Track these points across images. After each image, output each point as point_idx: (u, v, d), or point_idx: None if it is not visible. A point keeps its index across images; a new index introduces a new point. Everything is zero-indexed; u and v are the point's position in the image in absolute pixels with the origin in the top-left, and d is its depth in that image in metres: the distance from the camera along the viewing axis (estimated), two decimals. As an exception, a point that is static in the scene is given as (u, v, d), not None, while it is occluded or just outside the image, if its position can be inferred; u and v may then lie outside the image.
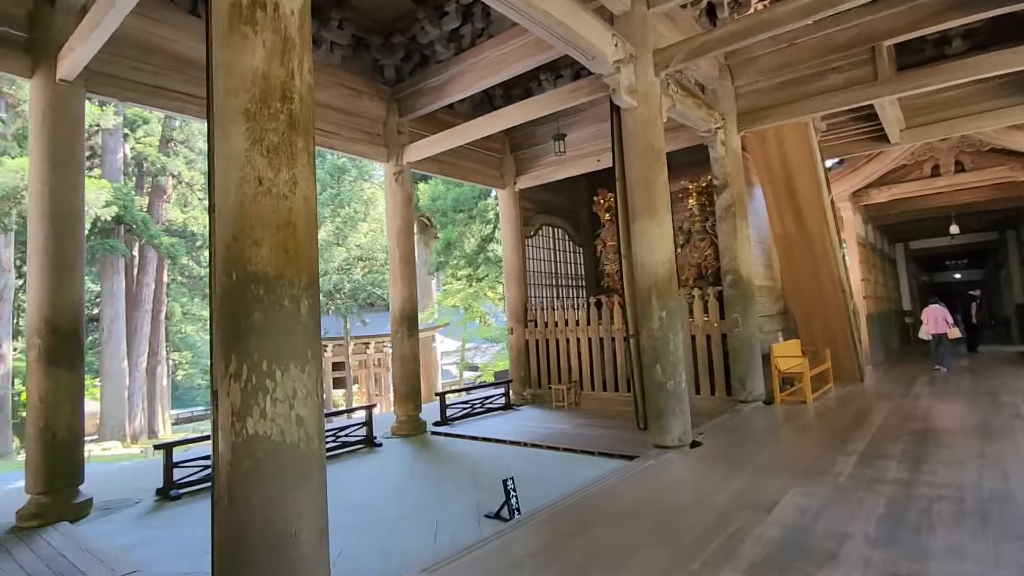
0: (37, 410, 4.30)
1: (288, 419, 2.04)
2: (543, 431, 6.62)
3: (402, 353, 7.14)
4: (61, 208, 4.49)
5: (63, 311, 4.42)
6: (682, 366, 5.03)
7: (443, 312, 24.81)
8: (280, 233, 2.10)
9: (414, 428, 7.02)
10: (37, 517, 4.17)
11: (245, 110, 2.10)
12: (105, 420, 22.81)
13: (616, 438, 5.89)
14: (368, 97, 7.12)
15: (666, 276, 4.96)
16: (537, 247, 9.79)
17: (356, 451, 6.24)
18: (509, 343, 9.32)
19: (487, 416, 7.93)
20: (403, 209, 7.30)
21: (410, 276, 7.28)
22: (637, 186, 5.07)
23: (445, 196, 19.50)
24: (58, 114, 4.55)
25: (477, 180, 9.01)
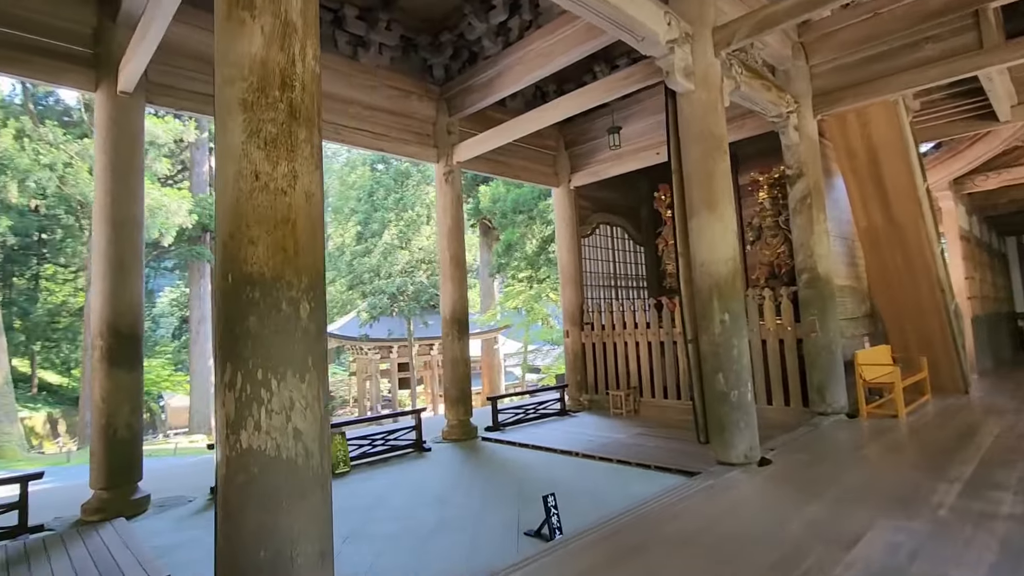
0: (99, 409, 4.48)
1: (284, 432, 1.88)
2: (597, 440, 6.27)
3: (453, 356, 7.01)
4: (121, 214, 4.67)
5: (122, 314, 4.59)
6: (747, 375, 4.54)
7: (505, 314, 24.76)
8: (278, 231, 1.94)
9: (464, 433, 6.87)
10: (99, 512, 4.34)
11: (242, 100, 1.96)
12: (193, 415, 24.47)
13: (675, 451, 5.45)
14: (417, 97, 7.05)
15: (728, 276, 4.50)
16: (594, 247, 9.41)
17: (405, 455, 6.16)
18: (565, 346, 9.00)
19: (541, 422, 7.65)
20: (453, 210, 7.18)
21: (460, 278, 7.15)
22: (695, 177, 4.64)
23: (505, 197, 19.42)
24: (119, 125, 4.74)
25: (530, 179, 8.76)
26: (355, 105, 6.46)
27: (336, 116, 6.28)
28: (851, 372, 6.28)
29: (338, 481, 5.24)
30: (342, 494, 4.82)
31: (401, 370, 24.58)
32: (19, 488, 4.00)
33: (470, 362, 7.16)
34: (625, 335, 8.29)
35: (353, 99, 6.44)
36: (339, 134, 6.35)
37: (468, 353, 7.11)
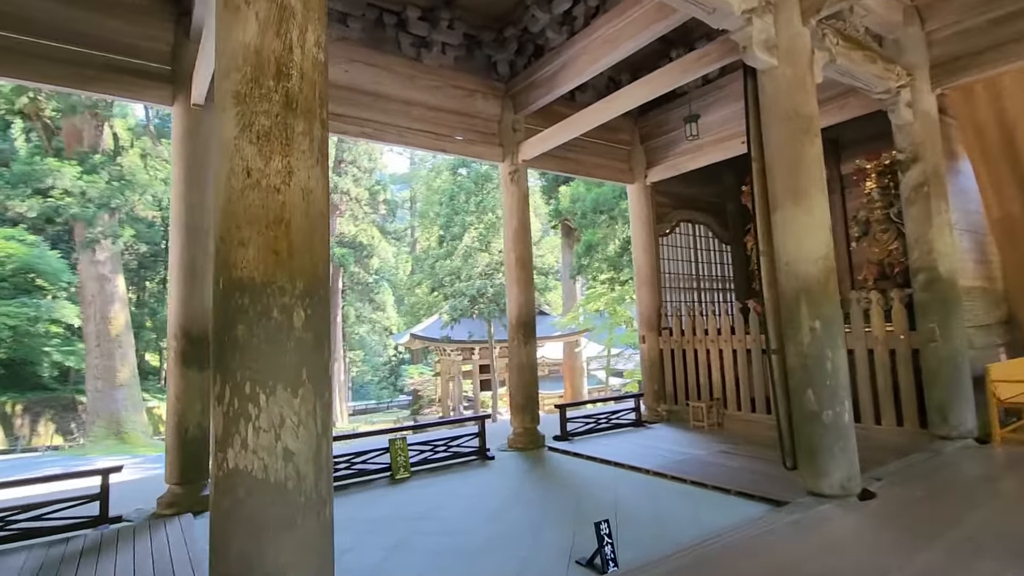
0: (173, 407, 4.70)
1: (272, 452, 1.71)
2: (672, 456, 5.75)
3: (519, 361, 6.77)
4: (195, 222, 4.88)
5: (194, 318, 4.79)
6: (845, 392, 3.90)
7: (587, 317, 24.22)
8: (269, 232, 1.79)
9: (530, 442, 6.60)
10: (172, 506, 4.54)
11: (235, 92, 1.83)
12: (292, 409, 26.14)
13: (760, 474, 4.84)
14: (481, 96, 6.90)
15: (819, 277, 3.89)
16: (673, 246, 8.79)
17: (467, 463, 6.00)
18: (640, 353, 8.47)
19: (613, 433, 7.21)
20: (519, 210, 6.95)
21: (526, 281, 6.90)
22: (778, 165, 4.07)
23: (584, 197, 18.96)
24: (193, 136, 4.96)
25: (603, 176, 8.34)
26: (418, 107, 6.42)
27: (399, 118, 6.26)
28: (982, 389, 5.30)
29: (396, 487, 5.17)
30: (397, 501, 4.73)
31: (483, 372, 24.80)
32: (100, 480, 4.25)
33: (536, 368, 6.88)
34: (707, 342, 7.64)
35: (416, 100, 6.40)
36: (402, 136, 6.33)
37: (535, 358, 6.84)
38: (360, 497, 4.89)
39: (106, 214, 14.96)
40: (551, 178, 24.47)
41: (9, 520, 3.96)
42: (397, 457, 5.52)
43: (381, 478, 5.45)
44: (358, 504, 4.69)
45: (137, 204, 16.44)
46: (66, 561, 3.59)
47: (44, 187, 13.62)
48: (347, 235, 30.02)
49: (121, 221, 18.03)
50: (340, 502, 4.75)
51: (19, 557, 3.65)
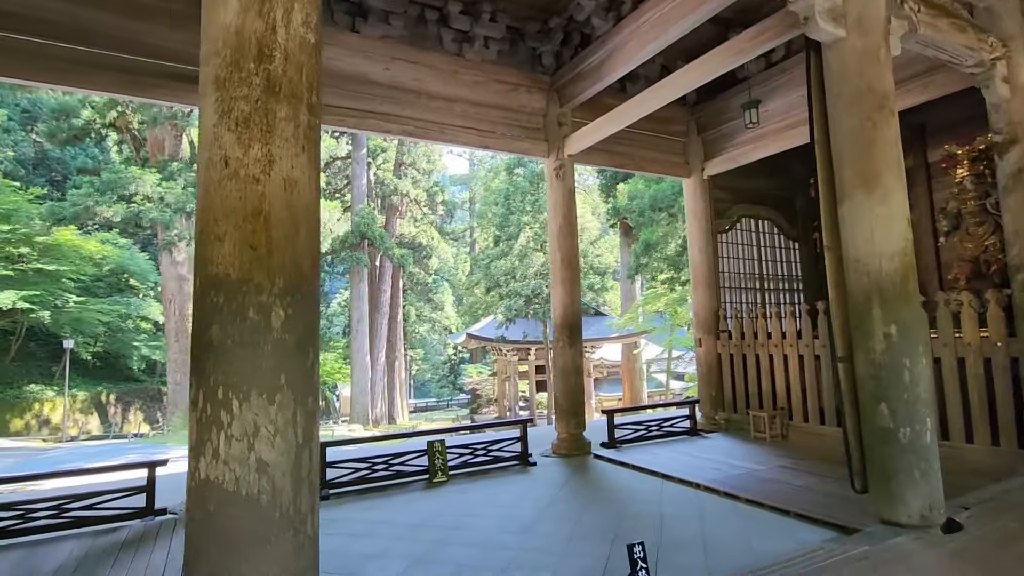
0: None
1: (245, 464, 1.58)
2: (727, 471, 5.32)
3: (563, 364, 6.51)
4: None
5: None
6: (927, 407, 3.40)
7: (646, 318, 23.49)
8: (247, 225, 1.66)
9: (575, 448, 6.33)
10: (213, 501, 4.63)
11: (215, 78, 1.72)
12: (353, 405, 26.99)
13: (826, 495, 4.36)
14: (526, 90, 6.69)
15: (895, 275, 3.41)
16: (733, 243, 8.24)
17: (507, 468, 5.81)
18: (697, 357, 7.99)
19: (664, 442, 6.81)
20: (564, 207, 6.68)
21: (572, 280, 6.62)
22: (846, 149, 3.61)
23: (643, 194, 18.36)
24: (236, 138, 5.05)
25: (656, 170, 7.92)
26: (461, 103, 6.29)
27: (441, 115, 6.17)
28: (1101, 407, 4.55)
29: (433, 491, 5.06)
30: (431, 507, 4.60)
31: (538, 372, 24.61)
32: (147, 473, 4.38)
33: (582, 371, 6.60)
34: (770, 346, 7.08)
35: (459, 97, 6.28)
36: (444, 133, 6.23)
37: (581, 361, 6.56)
38: (396, 500, 4.81)
39: (182, 217, 15.94)
40: (609, 176, 23.93)
41: (64, 508, 4.13)
42: (435, 460, 5.40)
43: (419, 481, 5.35)
44: (393, 508, 4.60)
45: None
46: (109, 551, 3.70)
47: (128, 193, 14.69)
48: (406, 236, 30.64)
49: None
50: (376, 504, 4.69)
51: (68, 545, 3.79)
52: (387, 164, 29.19)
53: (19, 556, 3.63)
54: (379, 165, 29.10)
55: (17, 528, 3.94)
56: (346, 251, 25.71)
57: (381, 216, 29.04)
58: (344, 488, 5.08)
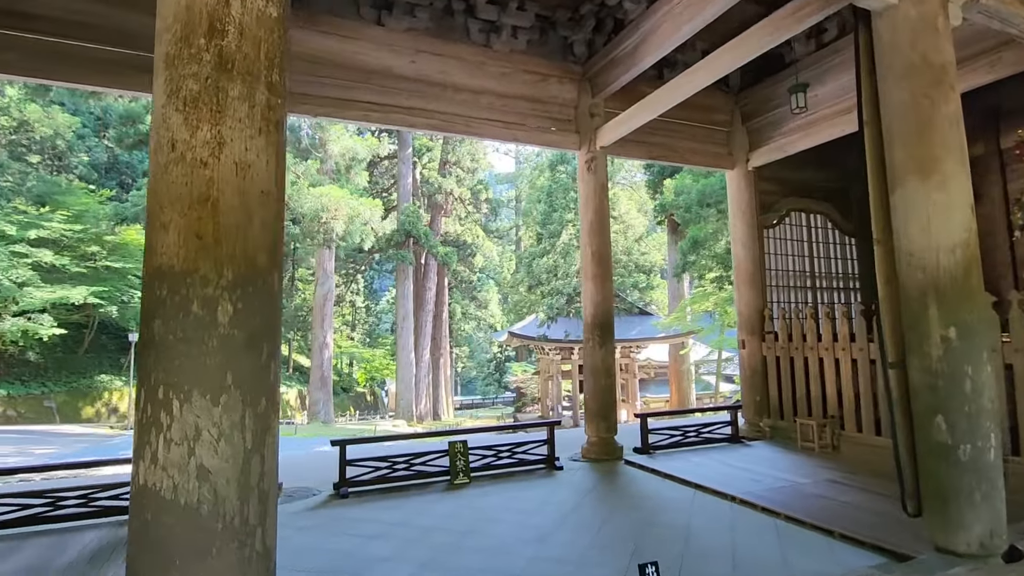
0: (239, 399, 4.83)
1: (184, 470, 1.46)
2: (767, 483, 4.93)
3: (593, 365, 6.25)
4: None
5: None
6: (991, 421, 2.98)
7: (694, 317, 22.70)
8: (192, 212, 1.55)
9: (605, 452, 6.06)
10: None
11: (165, 55, 1.62)
12: (398, 402, 27.41)
13: (877, 514, 3.94)
14: (556, 80, 6.45)
15: (955, 271, 3.00)
16: (781, 239, 7.73)
17: (532, 472, 5.61)
18: (740, 359, 7.53)
19: (702, 449, 6.43)
20: (596, 201, 6.41)
21: (603, 277, 6.35)
22: (899, 129, 3.21)
23: (690, 189, 17.70)
24: (260, 134, 5.07)
25: (697, 161, 7.52)
26: (488, 95, 6.13)
27: (467, 108, 6.03)
28: None
29: (452, 493, 4.93)
30: (448, 510, 4.47)
31: (582, 372, 24.20)
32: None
33: (614, 373, 6.31)
34: (821, 349, 6.57)
35: (486, 89, 6.12)
36: (471, 127, 6.09)
37: (612, 362, 6.28)
38: (414, 501, 4.70)
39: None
40: (657, 171, 23.26)
41: (92, 497, 4.24)
42: (456, 461, 5.27)
43: (440, 482, 5.23)
44: (411, 509, 4.49)
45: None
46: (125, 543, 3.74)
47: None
48: (451, 234, 30.84)
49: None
50: (394, 505, 4.60)
51: (89, 535, 3.87)
52: (432, 163, 29.47)
53: (49, 543, 3.73)
54: (424, 164, 29.42)
55: (46, 516, 4.07)
56: (392, 249, 26.12)
57: (426, 215, 29.36)
58: (364, 487, 5.02)
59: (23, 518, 4.03)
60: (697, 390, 26.85)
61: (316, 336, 23.44)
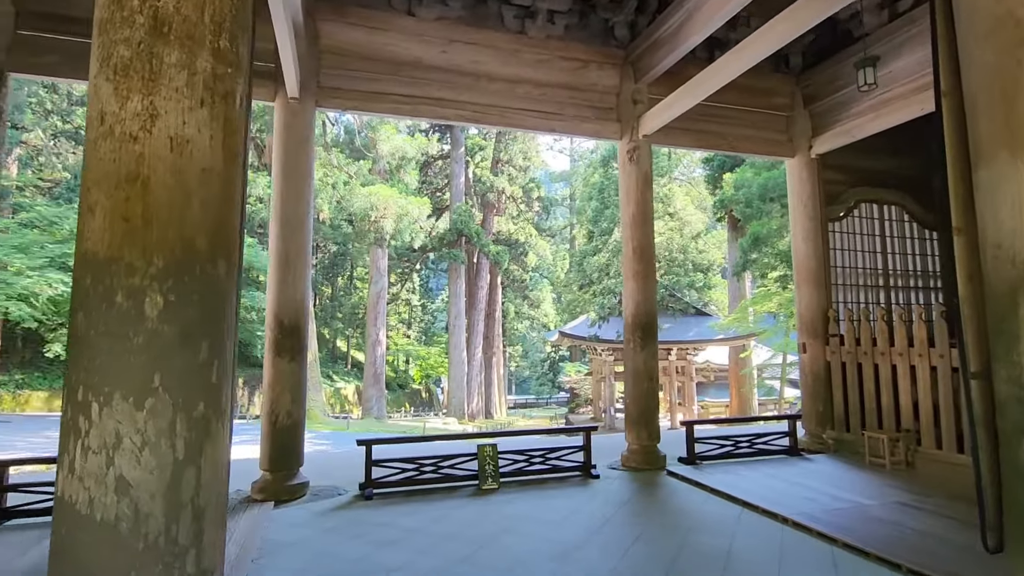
0: (267, 395, 4.81)
1: (101, 482, 1.30)
2: (826, 503, 4.42)
3: (634, 368, 5.87)
4: (288, 213, 4.95)
5: (284, 306, 4.85)
6: (1107, 448, 2.44)
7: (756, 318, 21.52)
8: (119, 192, 1.39)
9: (646, 461, 5.68)
10: (261, 492, 4.63)
11: (99, 21, 1.46)
12: (450, 400, 27.61)
13: (954, 547, 3.40)
14: (596, 66, 6.11)
15: (1057, 263, 2.48)
16: (848, 233, 7.03)
17: (566, 479, 5.31)
18: (801, 365, 6.91)
19: (755, 461, 5.92)
20: (638, 193, 6.02)
21: (646, 274, 5.95)
22: (983, 98, 2.70)
23: (751, 183, 16.74)
24: (289, 130, 5.05)
25: (752, 149, 6.95)
26: (524, 84, 5.88)
27: (501, 98, 5.79)
28: None
29: (479, 499, 4.71)
30: (470, 517, 4.25)
31: (633, 374, 23.47)
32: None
33: (656, 376, 5.90)
34: (894, 355, 5.90)
35: (521, 78, 5.86)
36: (505, 117, 5.86)
37: (654, 365, 5.87)
38: (438, 506, 4.52)
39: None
40: (717, 165, 22.26)
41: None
42: (485, 466, 5.05)
43: (467, 486, 5.03)
44: (432, 515, 4.31)
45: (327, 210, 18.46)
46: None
47: (243, 195, 16.01)
48: (503, 233, 30.75)
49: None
50: (416, 509, 4.43)
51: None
52: (485, 162, 29.49)
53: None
54: (477, 163, 29.49)
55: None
56: (444, 248, 26.33)
57: (479, 214, 29.42)
58: (389, 488, 4.89)
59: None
60: (759, 395, 25.52)
61: (369, 334, 23.94)
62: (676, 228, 19.60)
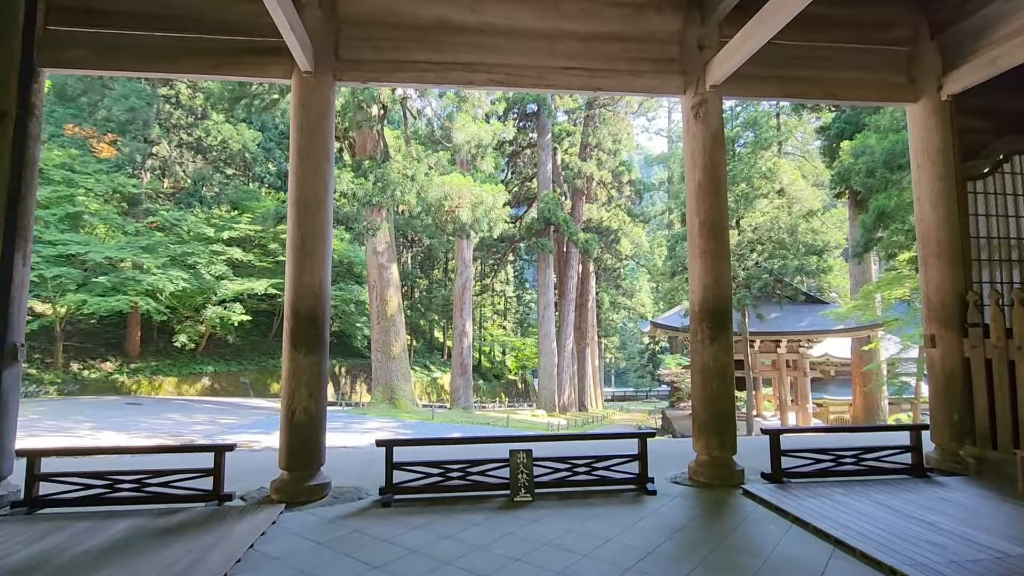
0: (284, 389, 4.54)
1: None
2: (959, 550, 3.30)
3: (702, 364, 4.94)
4: (305, 195, 4.63)
5: (301, 295, 4.54)
6: None
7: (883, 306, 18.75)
8: None
9: (717, 476, 4.76)
10: (279, 492, 4.38)
11: None
12: (540, 391, 27.20)
13: None
14: (654, 9, 5.20)
15: None
16: (996, 194, 5.50)
17: (616, 494, 4.55)
18: (928, 361, 5.52)
19: (863, 483, 4.75)
20: (704, 156, 5.04)
21: (717, 253, 4.98)
22: None
23: (873, 150, 14.45)
24: (305, 106, 4.72)
25: (856, 95, 5.60)
26: (565, 39, 5.12)
27: (539, 57, 5.09)
28: None
29: (507, 514, 4.10)
30: (489, 537, 3.65)
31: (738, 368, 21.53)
32: (214, 456, 4.29)
33: (731, 374, 4.92)
34: (1064, 350, 4.44)
35: (562, 31, 5.12)
36: (543, 79, 5.14)
37: (727, 361, 4.90)
38: (459, 520, 3.98)
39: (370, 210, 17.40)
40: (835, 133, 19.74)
41: (145, 483, 4.25)
42: (518, 474, 4.44)
43: (498, 496, 4.46)
44: (448, 529, 3.78)
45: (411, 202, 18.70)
46: (152, 533, 3.59)
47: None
48: (594, 220, 29.68)
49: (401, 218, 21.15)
50: (434, 520, 3.94)
51: (123, 522, 3.81)
52: (573, 148, 28.56)
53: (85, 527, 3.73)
54: (565, 149, 28.63)
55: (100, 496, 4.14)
56: (533, 238, 25.86)
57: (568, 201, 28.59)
58: (411, 495, 4.44)
59: (82, 498, 4.14)
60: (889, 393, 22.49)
61: (456, 324, 24.10)
62: (783, 206, 17.51)
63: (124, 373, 21.75)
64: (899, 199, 14.10)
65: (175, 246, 19.83)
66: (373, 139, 19.20)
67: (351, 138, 21.06)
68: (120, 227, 20.32)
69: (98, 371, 21.30)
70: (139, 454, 5.69)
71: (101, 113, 22.27)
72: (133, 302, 17.89)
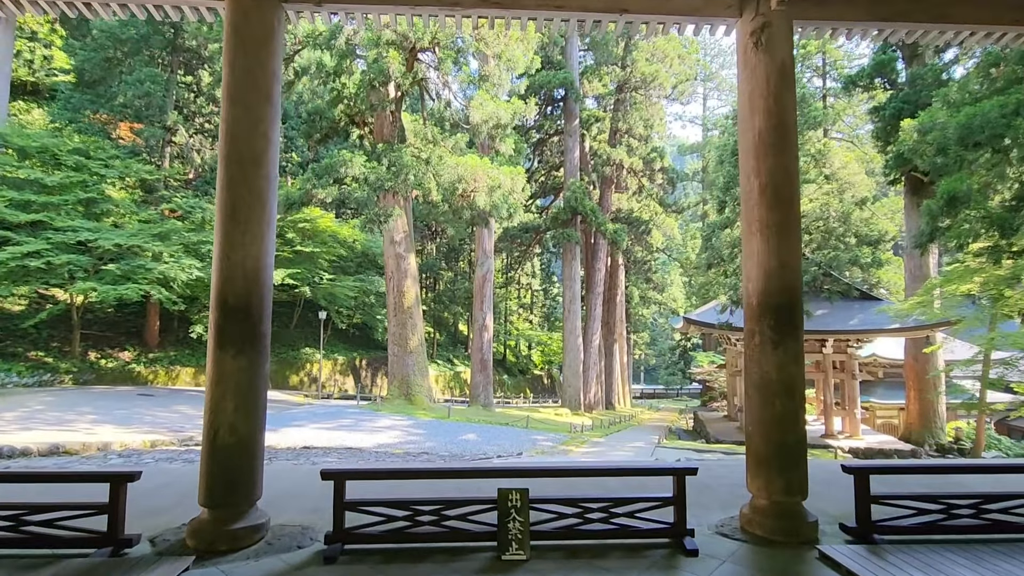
0: (207, 401, 3.49)
1: None
2: None
3: (761, 376, 3.69)
4: (239, 148, 3.56)
5: (230, 278, 3.48)
6: None
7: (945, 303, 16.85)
8: None
9: (783, 529, 3.51)
10: (194, 536, 3.34)
11: None
12: (564, 388, 25.93)
13: None
14: (700, -96, 3.92)
15: None
16: None
17: (640, 551, 3.35)
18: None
19: (994, 542, 3.44)
20: (768, 100, 3.75)
21: (784, 228, 3.71)
22: None
23: (946, 125, 12.70)
24: (241, 35, 3.64)
25: (975, 17, 4.21)
26: (583, -53, 3.89)
27: (547, -30, 3.87)
28: None
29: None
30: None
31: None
32: (108, 489, 3.27)
33: (802, 392, 3.65)
34: None
35: (578, -63, 3.89)
36: (544, 4, 3.93)
37: (797, 372, 3.63)
38: (420, 588, 2.86)
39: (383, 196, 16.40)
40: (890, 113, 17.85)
41: (23, 520, 3.25)
42: (508, 523, 3.29)
43: (482, 549, 3.32)
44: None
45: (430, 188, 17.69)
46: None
47: (340, 176, 15.64)
48: (624, 210, 28.16)
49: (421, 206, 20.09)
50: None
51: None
52: (602, 135, 27.08)
53: None
54: (594, 136, 27.18)
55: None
56: (558, 228, 24.57)
57: (596, 191, 27.16)
58: (368, 544, 3.34)
59: None
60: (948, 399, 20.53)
61: (475, 318, 23.02)
62: (834, 192, 15.80)
63: (141, 363, 21.42)
64: (977, 180, 12.35)
65: (189, 234, 19.27)
66: (390, 123, 18.20)
67: (370, 124, 20.17)
68: (134, 213, 19.91)
69: (115, 360, 21.00)
70: (19, 482, 4.14)
71: (118, 99, 21.88)
72: (144, 291, 17.37)
